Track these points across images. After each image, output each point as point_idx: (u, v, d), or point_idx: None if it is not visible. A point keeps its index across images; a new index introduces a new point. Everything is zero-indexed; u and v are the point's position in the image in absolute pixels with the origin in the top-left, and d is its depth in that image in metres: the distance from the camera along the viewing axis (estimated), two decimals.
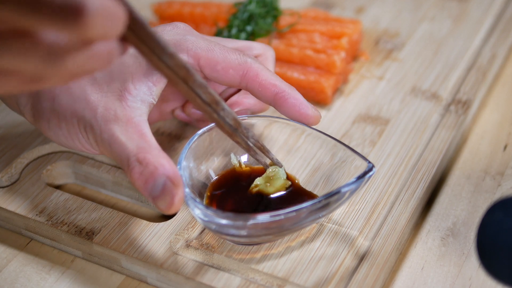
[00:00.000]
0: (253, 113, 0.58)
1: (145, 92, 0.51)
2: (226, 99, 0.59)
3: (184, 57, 0.53)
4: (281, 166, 0.53)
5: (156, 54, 0.40)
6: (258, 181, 0.53)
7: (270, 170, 0.53)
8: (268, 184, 0.52)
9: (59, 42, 0.33)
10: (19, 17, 0.31)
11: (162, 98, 0.58)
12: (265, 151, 0.53)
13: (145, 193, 0.46)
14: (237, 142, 0.51)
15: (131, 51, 0.53)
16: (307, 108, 0.53)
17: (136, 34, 0.38)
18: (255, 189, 0.52)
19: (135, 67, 0.52)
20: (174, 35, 0.54)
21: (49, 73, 0.34)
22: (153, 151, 0.47)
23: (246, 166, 0.55)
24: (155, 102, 0.52)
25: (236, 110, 0.57)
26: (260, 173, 0.54)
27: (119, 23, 0.34)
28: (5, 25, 0.32)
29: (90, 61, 0.34)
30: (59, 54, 0.33)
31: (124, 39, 0.37)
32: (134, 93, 0.50)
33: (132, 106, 0.50)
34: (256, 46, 0.58)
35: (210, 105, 0.46)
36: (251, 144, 0.51)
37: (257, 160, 0.53)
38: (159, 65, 0.41)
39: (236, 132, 0.50)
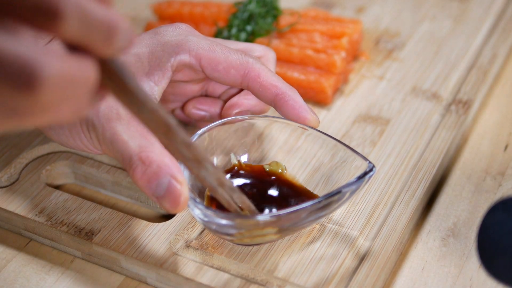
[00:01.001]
0: (254, 114, 0.58)
1: (147, 92, 0.51)
2: (226, 100, 0.59)
3: (186, 57, 0.53)
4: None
5: (135, 108, 0.36)
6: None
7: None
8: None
9: (9, 103, 0.29)
10: None
11: (162, 98, 0.58)
12: (251, 211, 0.49)
13: (149, 192, 0.46)
14: (218, 198, 0.47)
15: (133, 51, 0.53)
16: (306, 111, 0.53)
17: (117, 87, 0.34)
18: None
19: (137, 66, 0.52)
20: (176, 35, 0.54)
21: (7, 126, 0.31)
22: (156, 150, 0.47)
23: (246, 166, 0.55)
24: (157, 101, 0.52)
25: (236, 111, 0.57)
26: (259, 171, 0.54)
27: (86, 86, 0.31)
28: None
29: (55, 117, 0.31)
30: (10, 113, 0.30)
31: (103, 86, 0.34)
32: None
33: None
34: (257, 48, 0.58)
35: (192, 161, 0.43)
36: (233, 204, 0.48)
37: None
38: (139, 117, 0.37)
39: (219, 190, 0.46)
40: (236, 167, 0.55)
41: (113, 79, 0.34)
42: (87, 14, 0.30)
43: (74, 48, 0.31)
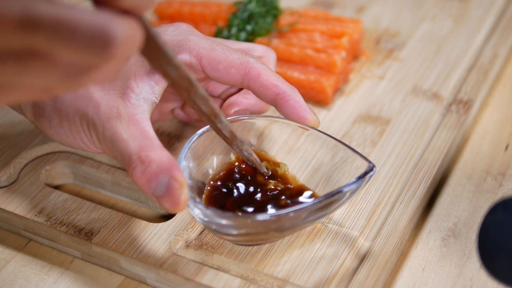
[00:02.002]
0: (252, 113, 0.58)
1: (148, 91, 0.51)
2: (225, 99, 0.58)
3: (186, 56, 0.53)
4: (270, 176, 0.54)
5: (163, 64, 0.40)
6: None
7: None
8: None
9: (78, 64, 0.33)
10: (48, 43, 0.32)
11: (162, 98, 0.58)
12: (257, 164, 0.53)
13: (148, 192, 0.46)
14: (232, 148, 0.52)
15: None
16: (307, 112, 0.53)
17: (146, 44, 0.38)
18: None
19: (138, 66, 0.52)
20: (176, 35, 0.54)
21: (62, 87, 0.35)
22: (156, 149, 0.47)
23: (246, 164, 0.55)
24: (157, 101, 0.52)
25: (234, 110, 0.57)
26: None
27: (137, 45, 0.35)
28: (26, 46, 0.32)
29: (104, 76, 0.35)
30: (76, 74, 0.34)
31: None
32: (136, 91, 0.50)
33: (135, 104, 0.50)
34: (257, 48, 0.58)
35: (209, 117, 0.47)
36: (244, 156, 0.52)
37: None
38: (164, 73, 0.41)
39: (231, 144, 0.50)
40: (236, 166, 0.55)
41: (148, 37, 0.37)
42: None
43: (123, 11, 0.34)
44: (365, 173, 0.49)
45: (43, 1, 0.31)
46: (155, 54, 0.39)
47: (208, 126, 0.53)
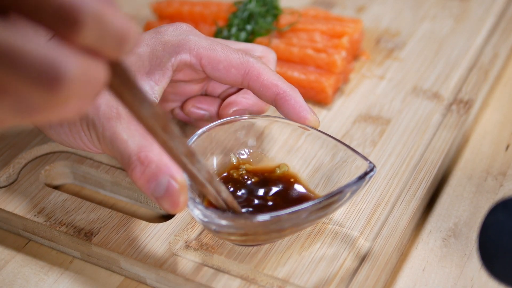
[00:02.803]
0: (251, 113, 0.58)
1: (147, 91, 0.51)
2: (224, 98, 0.58)
3: (186, 56, 0.53)
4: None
5: (136, 102, 0.37)
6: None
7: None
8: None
9: (27, 99, 0.30)
10: None
11: (162, 98, 0.58)
12: (236, 209, 0.49)
13: (148, 193, 0.46)
14: (207, 194, 0.47)
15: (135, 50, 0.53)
16: (307, 112, 0.53)
17: (120, 83, 0.35)
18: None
19: (138, 66, 0.52)
20: (177, 35, 0.54)
21: (13, 120, 0.32)
22: (155, 150, 0.47)
23: (247, 164, 0.55)
24: (157, 101, 0.52)
25: (233, 109, 0.56)
26: (262, 171, 0.54)
27: (98, 86, 0.32)
28: None
29: (62, 115, 0.32)
30: (26, 109, 0.31)
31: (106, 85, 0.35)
32: None
33: None
34: (258, 49, 0.58)
35: (186, 157, 0.43)
36: (222, 197, 0.48)
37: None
38: (138, 112, 0.38)
39: (208, 186, 0.46)
40: (236, 166, 0.54)
41: (119, 78, 0.35)
42: (104, 23, 0.31)
43: (87, 51, 0.32)
44: (366, 173, 0.49)
45: None
46: (129, 95, 0.36)
47: (208, 126, 0.53)
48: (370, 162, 0.49)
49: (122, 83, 0.35)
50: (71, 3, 0.29)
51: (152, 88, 0.51)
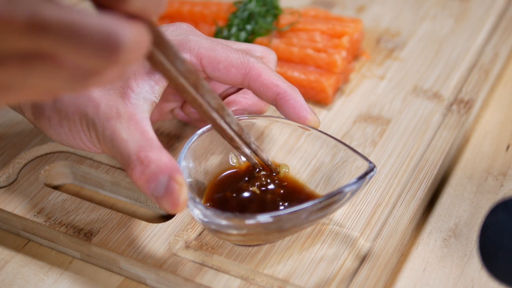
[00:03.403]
0: (250, 113, 0.57)
1: (148, 91, 0.51)
2: (224, 98, 0.58)
3: (187, 56, 0.53)
4: (278, 173, 0.54)
5: (170, 60, 0.40)
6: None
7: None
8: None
9: (83, 68, 0.33)
10: (55, 46, 0.32)
11: (162, 98, 0.58)
12: (263, 157, 0.53)
13: (147, 193, 0.46)
14: (237, 148, 0.51)
15: None
16: (307, 112, 0.53)
17: (154, 45, 0.38)
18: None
19: (138, 65, 0.51)
20: (177, 35, 0.54)
21: (65, 89, 0.35)
22: (155, 150, 0.47)
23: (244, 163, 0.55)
24: (157, 101, 0.52)
25: (232, 109, 0.56)
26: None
27: (144, 50, 0.34)
28: (32, 48, 0.32)
29: (108, 79, 0.35)
30: (80, 77, 0.34)
31: None
32: (136, 90, 0.50)
33: (135, 103, 0.50)
34: (258, 49, 0.58)
35: (217, 111, 0.47)
36: (252, 149, 0.52)
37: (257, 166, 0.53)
38: (169, 71, 0.41)
39: (240, 138, 0.50)
40: (237, 166, 0.54)
41: (154, 37, 0.38)
42: None
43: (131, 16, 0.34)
44: (366, 174, 0.48)
45: (51, 4, 0.31)
46: (161, 51, 0.39)
47: (208, 126, 0.53)
48: (371, 162, 0.49)
49: (156, 42, 0.38)
50: None
51: (152, 87, 0.51)
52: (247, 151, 0.52)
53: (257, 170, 0.53)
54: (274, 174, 0.53)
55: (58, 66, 0.33)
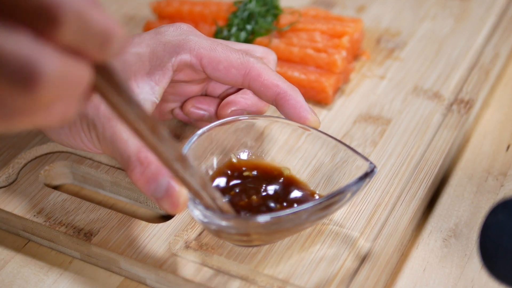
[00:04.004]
0: (250, 113, 0.57)
1: (148, 91, 0.51)
2: (223, 98, 0.58)
3: (187, 56, 0.53)
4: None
5: (122, 103, 0.36)
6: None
7: None
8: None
9: (6, 100, 0.29)
10: None
11: (162, 98, 0.58)
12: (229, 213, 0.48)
13: (148, 193, 0.46)
14: (201, 201, 0.46)
15: (134, 50, 0.52)
16: (307, 112, 0.53)
17: (103, 81, 0.34)
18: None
19: (138, 66, 0.51)
20: (177, 35, 0.54)
21: (3, 127, 0.31)
22: None
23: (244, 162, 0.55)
24: (157, 101, 0.52)
25: (232, 109, 0.56)
26: (260, 169, 0.53)
27: (80, 86, 0.31)
28: None
29: (47, 119, 0.31)
30: (6, 112, 0.30)
31: (91, 87, 0.34)
32: (136, 91, 0.50)
33: None
34: (258, 50, 0.58)
35: (177, 161, 0.41)
36: (218, 205, 0.46)
37: None
38: (126, 115, 0.36)
39: (202, 192, 0.45)
40: (237, 167, 0.54)
41: (105, 79, 0.34)
42: (85, 21, 0.30)
43: (69, 51, 0.31)
44: (366, 174, 0.48)
45: None
46: (116, 96, 0.35)
47: (208, 126, 0.53)
48: (371, 163, 0.49)
49: (107, 84, 0.34)
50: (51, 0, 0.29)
51: (153, 88, 0.51)
52: (214, 205, 0.46)
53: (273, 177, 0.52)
54: (269, 178, 0.53)
55: None
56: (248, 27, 0.69)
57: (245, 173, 0.54)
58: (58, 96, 0.30)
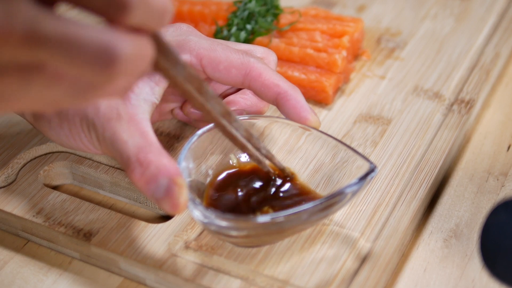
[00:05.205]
0: (250, 114, 0.57)
1: (148, 92, 0.51)
2: (223, 98, 0.58)
3: (187, 57, 0.53)
4: (291, 176, 0.53)
5: (173, 66, 0.39)
6: None
7: None
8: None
9: (82, 81, 0.33)
10: (52, 58, 0.32)
11: (162, 98, 0.57)
12: (275, 161, 0.52)
13: (147, 194, 0.46)
14: (250, 156, 0.50)
15: None
16: (308, 112, 0.53)
17: (161, 53, 0.38)
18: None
19: (144, 75, 0.51)
20: (177, 36, 0.54)
21: (68, 102, 0.35)
22: (155, 151, 0.47)
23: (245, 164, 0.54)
24: (157, 102, 0.52)
25: (232, 109, 0.56)
26: (259, 169, 0.53)
27: (147, 61, 0.34)
28: (30, 60, 0.32)
29: (112, 93, 0.35)
30: (80, 90, 0.34)
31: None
32: (137, 91, 0.50)
33: (135, 104, 0.50)
34: (258, 50, 0.58)
35: (224, 117, 0.46)
36: (264, 154, 0.51)
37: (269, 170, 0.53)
38: (175, 78, 0.40)
39: (248, 144, 0.49)
40: (237, 167, 0.54)
41: (157, 47, 0.37)
42: (148, 3, 0.33)
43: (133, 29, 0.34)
44: (367, 174, 0.48)
45: (50, 17, 0.31)
46: (169, 62, 0.39)
47: (208, 127, 0.52)
48: (371, 163, 0.49)
49: (158, 51, 0.37)
50: None
51: (153, 88, 0.51)
52: (260, 157, 0.51)
53: (273, 177, 0.53)
54: (288, 178, 0.53)
55: (56, 78, 0.33)
56: (248, 27, 0.69)
57: (245, 174, 0.54)
58: (130, 72, 0.33)
